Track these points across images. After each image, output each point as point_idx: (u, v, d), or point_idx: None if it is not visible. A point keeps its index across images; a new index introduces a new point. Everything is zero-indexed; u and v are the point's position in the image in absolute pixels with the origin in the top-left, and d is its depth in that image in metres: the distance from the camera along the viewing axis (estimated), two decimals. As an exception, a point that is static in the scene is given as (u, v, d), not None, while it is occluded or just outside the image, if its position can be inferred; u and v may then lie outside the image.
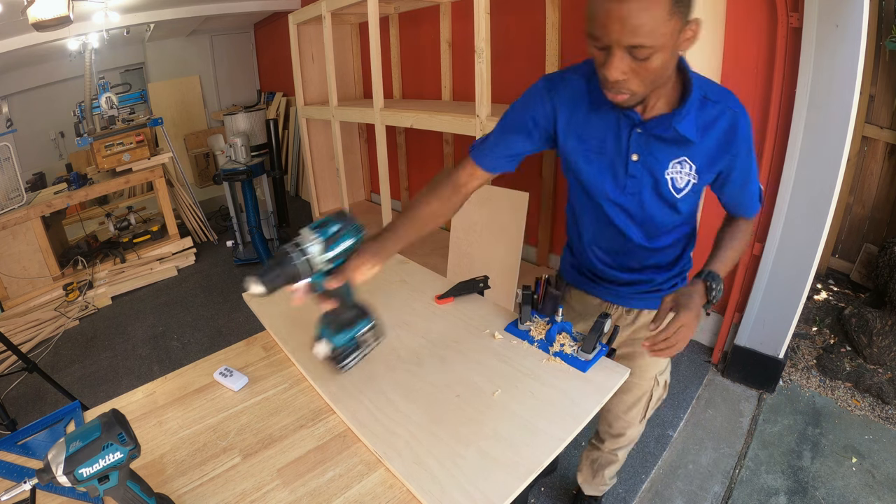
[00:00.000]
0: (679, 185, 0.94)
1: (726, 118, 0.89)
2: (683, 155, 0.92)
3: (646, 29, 0.71)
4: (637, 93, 0.81)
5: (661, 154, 0.92)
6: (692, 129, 0.89)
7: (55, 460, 0.58)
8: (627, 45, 0.73)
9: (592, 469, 1.49)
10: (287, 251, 0.75)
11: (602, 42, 0.75)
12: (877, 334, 2.12)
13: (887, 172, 2.54)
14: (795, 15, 1.72)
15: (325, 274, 0.80)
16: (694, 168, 0.92)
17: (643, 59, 0.75)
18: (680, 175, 0.93)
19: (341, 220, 0.80)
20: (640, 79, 0.78)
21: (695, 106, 0.88)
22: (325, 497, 0.74)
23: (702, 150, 0.91)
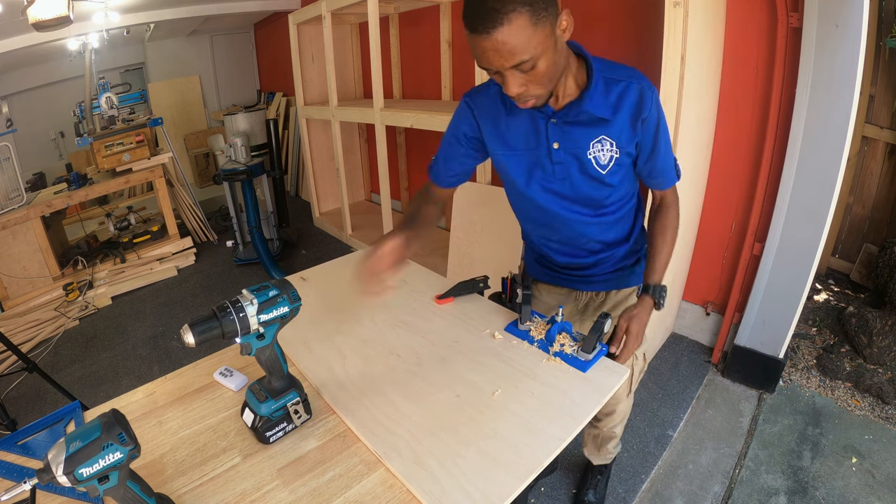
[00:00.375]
0: (602, 162, 1.02)
1: (633, 91, 0.96)
2: (602, 133, 1.00)
3: (519, 48, 0.79)
4: (541, 94, 0.90)
5: (579, 137, 1.00)
6: (602, 107, 0.97)
7: (55, 460, 0.58)
8: (511, 65, 0.82)
9: (596, 444, 1.57)
10: (225, 307, 0.77)
11: (492, 70, 0.85)
12: (877, 334, 2.12)
13: (887, 172, 2.54)
14: (795, 15, 1.72)
15: (257, 337, 0.81)
16: (614, 144, 1.00)
17: (530, 70, 0.83)
18: (602, 153, 1.01)
19: (280, 288, 0.82)
20: (536, 83, 0.87)
21: (599, 88, 0.96)
22: (325, 497, 0.74)
23: (617, 125, 0.98)
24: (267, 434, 0.84)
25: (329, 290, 1.35)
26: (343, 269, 1.50)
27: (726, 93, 2.02)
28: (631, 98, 0.96)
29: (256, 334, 0.81)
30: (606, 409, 1.38)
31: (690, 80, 1.66)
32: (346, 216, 3.88)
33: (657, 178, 1.08)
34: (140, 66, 5.93)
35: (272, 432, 0.85)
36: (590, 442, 1.59)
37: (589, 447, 1.60)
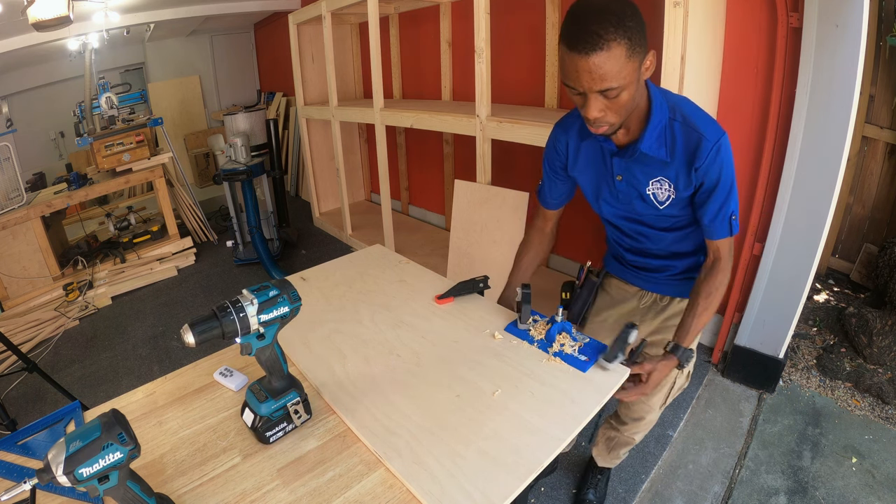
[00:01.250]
0: (661, 199, 1.08)
1: (692, 139, 0.99)
2: (660, 174, 1.05)
3: (611, 75, 0.84)
4: (614, 123, 0.95)
5: (640, 174, 1.07)
6: (656, 148, 1.02)
7: (55, 460, 0.58)
8: (598, 90, 0.87)
9: (608, 446, 1.55)
10: (225, 306, 0.77)
11: (578, 90, 0.89)
12: (877, 334, 2.12)
13: (887, 172, 2.54)
14: (795, 15, 1.72)
15: (257, 337, 0.81)
16: (672, 185, 1.05)
17: (614, 98, 0.89)
18: (660, 191, 1.07)
19: (281, 288, 0.82)
20: (614, 112, 0.92)
21: (659, 128, 1.01)
22: (325, 497, 0.74)
23: (674, 167, 1.03)
24: (267, 434, 0.84)
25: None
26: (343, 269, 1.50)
27: (726, 93, 2.02)
28: (688, 145, 0.99)
29: (256, 334, 0.81)
30: (635, 414, 1.37)
31: (690, 80, 1.66)
32: (346, 216, 3.88)
33: (706, 225, 1.07)
34: (140, 66, 5.93)
35: (272, 432, 0.85)
36: (602, 443, 1.56)
37: (600, 447, 1.57)
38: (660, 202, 1.09)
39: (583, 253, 3.33)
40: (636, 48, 0.84)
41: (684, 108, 1.01)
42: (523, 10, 2.71)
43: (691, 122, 0.99)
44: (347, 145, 4.34)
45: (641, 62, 0.88)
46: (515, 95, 2.88)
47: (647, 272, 1.28)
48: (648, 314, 1.32)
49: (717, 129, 0.99)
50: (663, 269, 1.25)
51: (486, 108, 2.31)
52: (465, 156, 3.41)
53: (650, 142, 1.01)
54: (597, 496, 1.61)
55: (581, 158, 1.16)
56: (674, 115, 1.00)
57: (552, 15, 2.54)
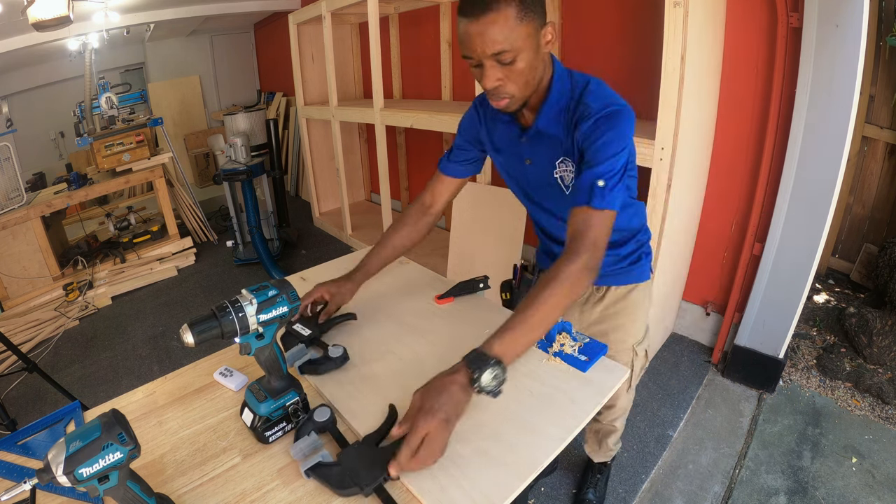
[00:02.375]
0: (567, 182, 1.03)
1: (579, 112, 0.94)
2: (560, 154, 1.00)
3: (501, 37, 0.83)
4: (515, 95, 0.92)
5: (545, 157, 1.03)
6: (553, 126, 0.98)
7: (55, 460, 0.58)
8: (491, 53, 0.85)
9: (597, 439, 1.57)
10: (224, 306, 0.77)
11: (474, 59, 0.88)
12: (877, 334, 2.12)
13: (887, 172, 2.54)
14: (795, 15, 1.72)
15: (256, 337, 0.81)
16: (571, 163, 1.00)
17: (510, 63, 0.87)
18: (566, 173, 1.02)
19: (280, 288, 0.82)
20: (513, 81, 0.90)
21: (558, 106, 0.97)
22: (325, 497, 0.74)
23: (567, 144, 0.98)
24: (266, 434, 0.84)
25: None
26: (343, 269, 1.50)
27: (726, 93, 2.02)
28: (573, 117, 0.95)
29: (255, 334, 0.81)
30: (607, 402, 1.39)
31: (690, 80, 1.66)
32: (346, 216, 3.88)
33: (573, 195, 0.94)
34: (140, 66, 5.92)
35: (272, 432, 0.85)
36: (591, 438, 1.60)
37: (590, 443, 1.61)
38: (566, 185, 1.03)
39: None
40: (528, 13, 0.83)
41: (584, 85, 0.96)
42: (523, 10, 2.71)
43: (585, 97, 0.94)
44: (347, 145, 4.34)
45: (538, 30, 0.87)
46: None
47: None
48: (587, 306, 1.30)
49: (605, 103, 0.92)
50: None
51: (486, 108, 2.30)
52: (465, 156, 3.40)
53: (547, 118, 0.98)
54: (597, 496, 1.62)
55: (497, 139, 1.13)
56: (574, 93, 0.96)
57: (552, 14, 2.54)
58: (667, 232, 1.80)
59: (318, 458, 0.77)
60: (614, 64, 2.38)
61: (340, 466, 0.75)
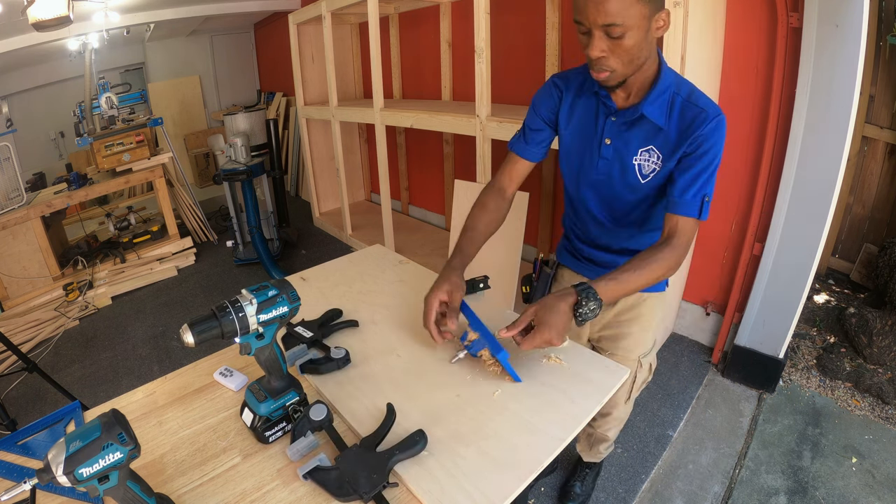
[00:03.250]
0: (645, 172, 1.05)
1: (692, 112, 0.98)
2: (651, 143, 1.03)
3: (615, 9, 0.84)
4: (616, 70, 0.93)
5: (631, 141, 1.04)
6: (657, 114, 1.00)
7: (55, 460, 0.58)
8: (602, 24, 0.86)
9: (589, 442, 1.59)
10: (224, 306, 0.77)
11: (584, 26, 0.89)
12: (877, 334, 2.12)
13: (887, 172, 2.54)
14: (795, 15, 1.72)
15: (256, 337, 0.81)
16: (661, 157, 1.02)
17: (618, 38, 0.88)
18: (647, 162, 1.04)
19: (280, 288, 0.82)
20: (617, 56, 0.91)
21: (664, 96, 1.00)
22: (325, 497, 0.74)
23: (668, 138, 1.00)
24: (266, 434, 0.84)
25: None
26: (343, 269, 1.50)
27: (726, 92, 2.02)
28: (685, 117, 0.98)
29: (255, 334, 0.81)
30: (603, 409, 1.38)
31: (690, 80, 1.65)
32: (346, 216, 3.88)
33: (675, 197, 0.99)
34: (140, 66, 5.92)
35: (272, 432, 0.85)
36: (583, 439, 1.60)
37: (582, 443, 1.62)
38: (643, 175, 1.05)
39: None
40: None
41: (689, 87, 1.01)
42: (523, 10, 2.71)
43: (694, 98, 0.99)
44: (347, 145, 4.35)
45: (652, 13, 0.87)
46: (515, 95, 2.88)
47: (597, 266, 1.26)
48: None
49: (717, 107, 0.98)
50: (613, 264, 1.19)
51: (486, 108, 2.31)
52: (465, 156, 3.41)
53: (653, 105, 0.99)
54: (583, 489, 1.63)
55: (574, 116, 1.12)
56: (678, 90, 1.00)
57: (552, 15, 2.54)
58: (667, 232, 1.80)
59: (316, 461, 0.77)
60: (614, 64, 2.38)
61: (339, 471, 0.75)
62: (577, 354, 1.03)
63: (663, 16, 0.90)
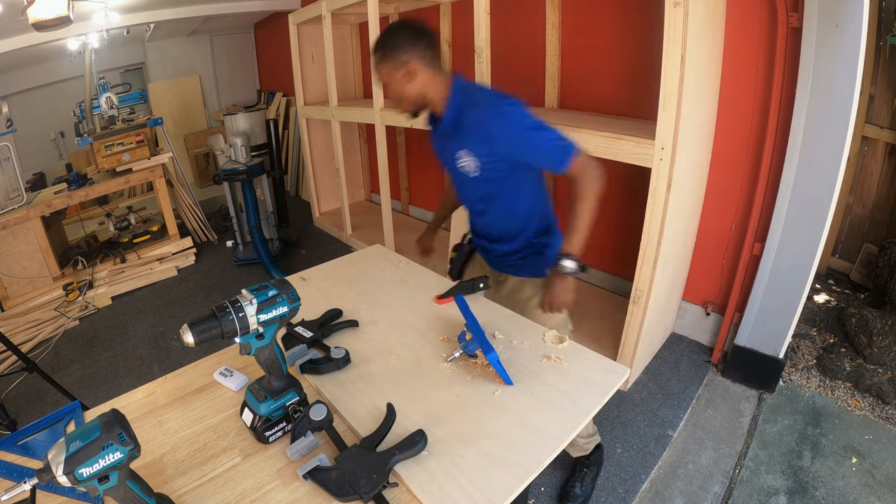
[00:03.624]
0: (469, 169, 1.27)
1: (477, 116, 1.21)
2: (464, 147, 1.25)
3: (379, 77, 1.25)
4: (402, 108, 1.28)
5: (450, 148, 1.30)
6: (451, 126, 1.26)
7: (55, 460, 0.58)
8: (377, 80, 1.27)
9: None
10: (224, 306, 0.77)
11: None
12: (877, 334, 2.12)
13: (887, 172, 2.54)
14: (795, 15, 1.72)
15: (256, 337, 0.81)
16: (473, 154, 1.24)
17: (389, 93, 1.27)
18: (467, 162, 1.26)
19: (280, 288, 0.82)
20: (394, 101, 1.28)
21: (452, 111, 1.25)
22: (325, 497, 0.74)
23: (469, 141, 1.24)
24: (266, 434, 0.84)
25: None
26: (343, 269, 1.50)
27: (726, 93, 2.02)
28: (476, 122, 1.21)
29: (255, 334, 0.81)
30: None
31: (690, 80, 1.66)
32: (346, 216, 3.88)
33: (546, 165, 1.23)
34: (140, 66, 5.92)
35: (271, 432, 0.85)
36: None
37: None
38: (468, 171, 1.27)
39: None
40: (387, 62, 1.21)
41: (475, 95, 1.25)
42: (523, 10, 2.71)
43: (475, 103, 1.22)
44: (347, 145, 4.34)
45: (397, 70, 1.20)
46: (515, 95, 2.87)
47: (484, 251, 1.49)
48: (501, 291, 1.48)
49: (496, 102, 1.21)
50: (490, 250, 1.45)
51: (486, 108, 2.30)
52: (465, 156, 3.40)
53: (448, 122, 1.26)
54: (583, 489, 1.63)
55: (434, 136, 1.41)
56: (465, 101, 1.23)
57: (552, 15, 2.54)
58: (667, 232, 1.80)
59: (316, 461, 0.77)
60: (614, 64, 2.38)
61: (339, 471, 0.75)
62: (577, 354, 1.03)
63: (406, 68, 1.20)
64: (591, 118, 2.26)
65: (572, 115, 2.38)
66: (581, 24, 2.49)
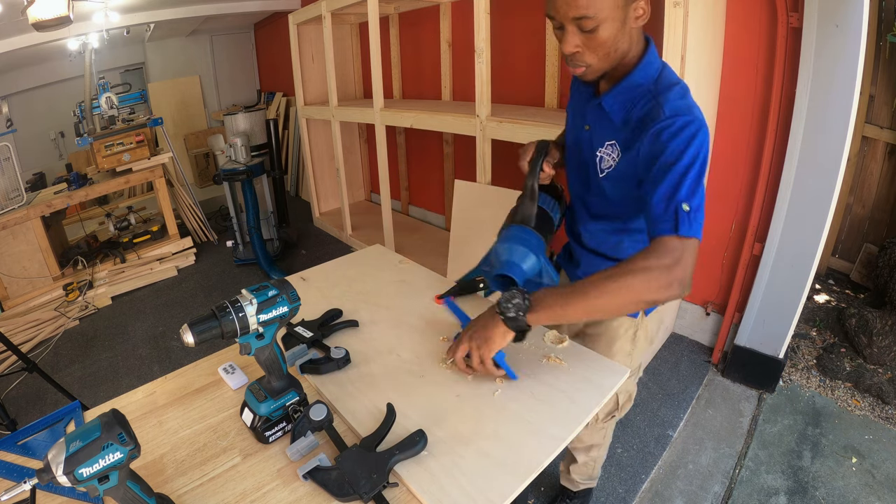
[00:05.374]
0: (603, 167, 1.00)
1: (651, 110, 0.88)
2: (614, 138, 0.97)
3: (585, 1, 0.80)
4: (592, 65, 0.89)
5: (603, 131, 0.99)
6: (616, 108, 0.94)
7: (55, 460, 0.58)
8: (574, 17, 0.82)
9: (567, 463, 1.55)
10: (224, 306, 0.77)
11: (556, 20, 0.86)
12: (877, 334, 2.12)
13: (887, 172, 2.54)
14: (795, 15, 1.72)
15: (256, 337, 0.81)
16: (620, 155, 0.96)
17: (591, 31, 0.83)
18: (608, 156, 0.98)
19: (280, 288, 0.82)
20: (592, 51, 0.86)
21: (629, 90, 0.92)
22: (325, 497, 0.74)
23: (628, 140, 0.94)
24: (266, 434, 0.84)
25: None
26: (343, 269, 1.50)
27: (726, 93, 2.02)
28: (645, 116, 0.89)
29: (255, 334, 0.81)
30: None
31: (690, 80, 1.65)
32: (346, 216, 3.88)
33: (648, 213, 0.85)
34: (140, 66, 5.92)
35: (272, 432, 0.85)
36: (568, 456, 1.54)
37: (565, 460, 1.56)
38: (601, 169, 1.00)
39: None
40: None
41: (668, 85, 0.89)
42: (523, 10, 2.71)
43: (662, 98, 0.87)
44: (347, 145, 4.34)
45: (628, 3, 0.82)
46: (515, 95, 2.88)
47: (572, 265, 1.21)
48: None
49: (687, 112, 0.86)
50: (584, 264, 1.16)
51: (486, 108, 2.31)
52: (465, 156, 3.41)
53: (613, 99, 0.94)
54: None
55: (573, 98, 1.11)
56: (656, 87, 0.89)
57: (552, 15, 2.53)
58: (667, 232, 1.80)
59: (316, 461, 0.77)
60: (614, 64, 2.38)
61: (339, 471, 0.75)
62: (577, 354, 1.03)
63: (641, 4, 0.83)
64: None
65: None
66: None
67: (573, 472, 1.52)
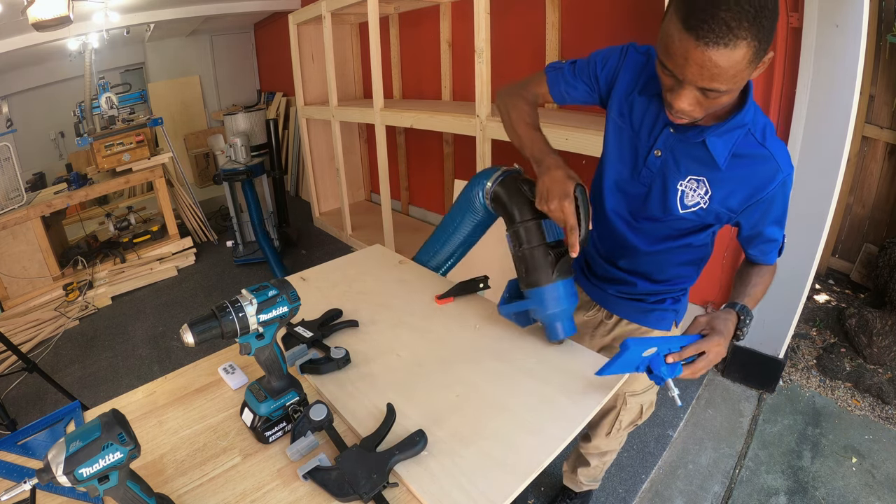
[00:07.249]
0: (687, 202, 0.93)
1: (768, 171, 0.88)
2: (704, 175, 0.90)
3: (724, 77, 0.70)
4: (697, 119, 0.82)
5: (683, 162, 0.91)
6: (720, 149, 0.87)
7: (55, 460, 0.58)
8: (701, 87, 0.73)
9: (573, 464, 1.53)
10: (224, 306, 0.77)
11: (675, 77, 0.76)
12: (877, 334, 2.12)
13: (887, 172, 2.54)
14: (795, 15, 1.72)
15: (256, 337, 0.81)
16: (709, 194, 0.90)
17: (713, 98, 0.75)
18: (693, 192, 0.92)
19: (280, 288, 0.82)
20: (704, 109, 0.78)
21: (736, 131, 0.86)
22: (326, 497, 0.74)
23: (724, 180, 0.89)
24: (266, 434, 0.84)
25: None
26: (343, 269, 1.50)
27: (726, 93, 2.02)
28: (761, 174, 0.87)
29: (255, 334, 0.81)
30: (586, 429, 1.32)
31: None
32: (346, 216, 3.88)
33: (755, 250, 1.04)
34: (140, 66, 5.92)
35: (272, 432, 0.85)
36: (572, 458, 1.54)
37: (570, 461, 1.55)
38: (684, 205, 0.93)
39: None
40: (761, 52, 0.69)
41: (763, 126, 0.88)
42: (523, 10, 2.71)
43: (769, 145, 0.86)
44: (347, 145, 4.34)
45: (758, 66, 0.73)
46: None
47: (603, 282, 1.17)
48: (599, 329, 1.24)
49: (790, 161, 0.89)
50: (620, 281, 1.13)
51: (486, 108, 2.31)
52: (465, 156, 3.41)
53: (720, 138, 0.86)
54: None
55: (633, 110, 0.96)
56: (753, 128, 0.86)
57: (552, 15, 2.54)
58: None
59: (316, 461, 0.77)
60: (614, 64, 2.38)
61: (339, 471, 0.75)
62: (577, 354, 1.03)
63: (766, 59, 0.73)
64: (591, 118, 2.26)
65: (573, 115, 2.38)
66: (580, 24, 2.49)
67: (580, 475, 1.50)
